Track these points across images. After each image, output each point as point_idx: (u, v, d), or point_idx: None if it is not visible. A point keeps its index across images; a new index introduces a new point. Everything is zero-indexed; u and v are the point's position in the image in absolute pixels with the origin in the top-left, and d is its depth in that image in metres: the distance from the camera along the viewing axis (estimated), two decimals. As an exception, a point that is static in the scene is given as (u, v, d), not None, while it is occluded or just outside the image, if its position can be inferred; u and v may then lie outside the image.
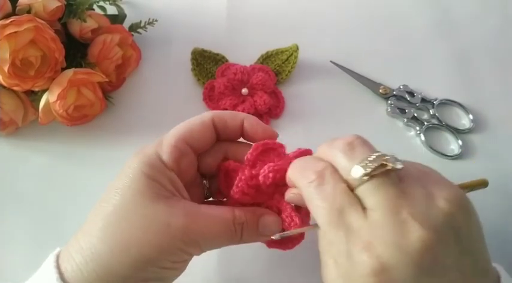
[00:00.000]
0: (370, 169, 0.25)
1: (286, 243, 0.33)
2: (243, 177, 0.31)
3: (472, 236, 0.25)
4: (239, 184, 0.31)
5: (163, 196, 0.28)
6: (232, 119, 0.33)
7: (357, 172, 0.25)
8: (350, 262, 0.24)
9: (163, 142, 0.31)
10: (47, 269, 0.27)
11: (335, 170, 0.27)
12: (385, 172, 0.25)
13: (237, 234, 0.30)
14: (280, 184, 0.31)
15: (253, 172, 0.31)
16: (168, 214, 0.27)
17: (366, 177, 0.25)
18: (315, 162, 0.28)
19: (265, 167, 0.30)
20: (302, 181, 0.27)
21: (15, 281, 0.29)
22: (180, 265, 0.30)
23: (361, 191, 0.25)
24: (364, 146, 0.27)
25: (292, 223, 0.30)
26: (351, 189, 0.26)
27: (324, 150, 0.29)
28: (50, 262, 0.28)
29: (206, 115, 0.32)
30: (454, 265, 0.24)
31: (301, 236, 0.33)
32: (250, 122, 0.33)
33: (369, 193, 0.25)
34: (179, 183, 0.30)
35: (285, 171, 0.30)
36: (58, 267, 0.27)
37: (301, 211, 0.31)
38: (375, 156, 0.25)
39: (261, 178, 0.30)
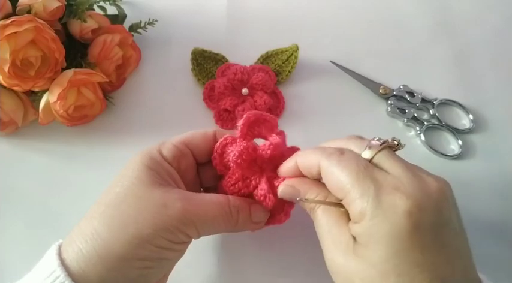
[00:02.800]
0: (381, 142, 0.29)
1: (275, 218, 0.35)
2: (244, 145, 0.33)
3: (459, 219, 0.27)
4: (240, 151, 0.32)
5: (161, 184, 0.30)
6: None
7: (372, 145, 0.29)
8: (381, 210, 0.25)
9: (166, 141, 0.33)
10: (49, 257, 0.28)
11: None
12: (392, 147, 0.29)
13: (233, 217, 0.31)
14: (268, 161, 0.34)
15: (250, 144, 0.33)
16: (165, 196, 0.29)
17: (381, 146, 0.28)
18: (331, 144, 0.31)
19: (266, 143, 0.33)
20: (322, 155, 0.29)
21: (15, 279, 0.29)
22: (177, 247, 0.30)
23: (377, 159, 0.28)
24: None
25: (267, 199, 0.33)
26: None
27: (332, 144, 0.32)
28: (52, 250, 0.28)
29: (210, 129, 0.36)
30: (457, 228, 0.26)
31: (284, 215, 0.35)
32: None
33: (385, 159, 0.28)
34: (177, 177, 0.32)
35: (281, 148, 0.33)
36: (60, 255, 0.28)
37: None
38: (379, 138, 0.29)
39: (264, 151, 0.33)
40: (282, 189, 0.33)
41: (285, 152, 0.34)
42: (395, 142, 0.29)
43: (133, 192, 0.29)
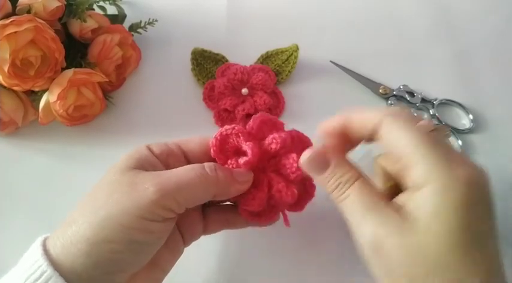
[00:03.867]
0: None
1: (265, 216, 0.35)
2: (255, 146, 0.32)
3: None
4: (251, 147, 0.32)
5: (135, 168, 0.30)
6: None
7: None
8: (449, 176, 0.25)
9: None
10: (33, 248, 0.28)
11: None
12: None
13: (211, 175, 0.30)
14: (276, 155, 0.33)
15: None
16: (135, 177, 0.29)
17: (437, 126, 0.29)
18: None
19: (274, 135, 0.33)
20: (386, 112, 0.28)
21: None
22: (154, 227, 0.28)
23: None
24: None
25: (284, 194, 0.32)
26: None
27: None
28: (37, 241, 0.28)
29: (208, 135, 0.34)
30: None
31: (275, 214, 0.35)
32: None
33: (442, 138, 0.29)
34: (161, 167, 0.32)
35: (288, 141, 0.33)
36: (44, 245, 0.28)
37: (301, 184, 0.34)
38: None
39: (271, 143, 0.33)
40: (310, 156, 0.30)
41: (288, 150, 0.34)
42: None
43: (107, 179, 0.29)
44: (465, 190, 0.24)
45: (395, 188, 0.30)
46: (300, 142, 0.35)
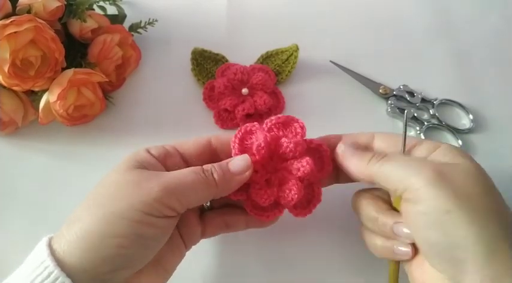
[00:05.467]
0: None
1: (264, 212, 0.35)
2: (271, 134, 0.34)
3: None
4: (265, 137, 0.33)
5: (137, 168, 0.31)
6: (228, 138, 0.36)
7: None
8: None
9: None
10: (39, 248, 0.28)
11: None
12: None
13: (209, 178, 0.31)
14: (289, 158, 0.34)
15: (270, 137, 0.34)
16: (139, 175, 0.30)
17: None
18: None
19: (288, 139, 0.34)
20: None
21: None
22: (158, 222, 0.29)
23: None
24: None
25: (292, 194, 0.33)
26: None
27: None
28: (42, 241, 0.29)
29: (204, 135, 0.36)
30: None
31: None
32: None
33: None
34: (161, 167, 0.33)
35: (302, 146, 0.34)
36: (50, 245, 0.28)
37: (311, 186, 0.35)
38: None
39: (284, 143, 0.34)
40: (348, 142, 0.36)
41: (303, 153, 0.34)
42: None
43: (111, 178, 0.31)
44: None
45: None
46: (316, 152, 0.36)
